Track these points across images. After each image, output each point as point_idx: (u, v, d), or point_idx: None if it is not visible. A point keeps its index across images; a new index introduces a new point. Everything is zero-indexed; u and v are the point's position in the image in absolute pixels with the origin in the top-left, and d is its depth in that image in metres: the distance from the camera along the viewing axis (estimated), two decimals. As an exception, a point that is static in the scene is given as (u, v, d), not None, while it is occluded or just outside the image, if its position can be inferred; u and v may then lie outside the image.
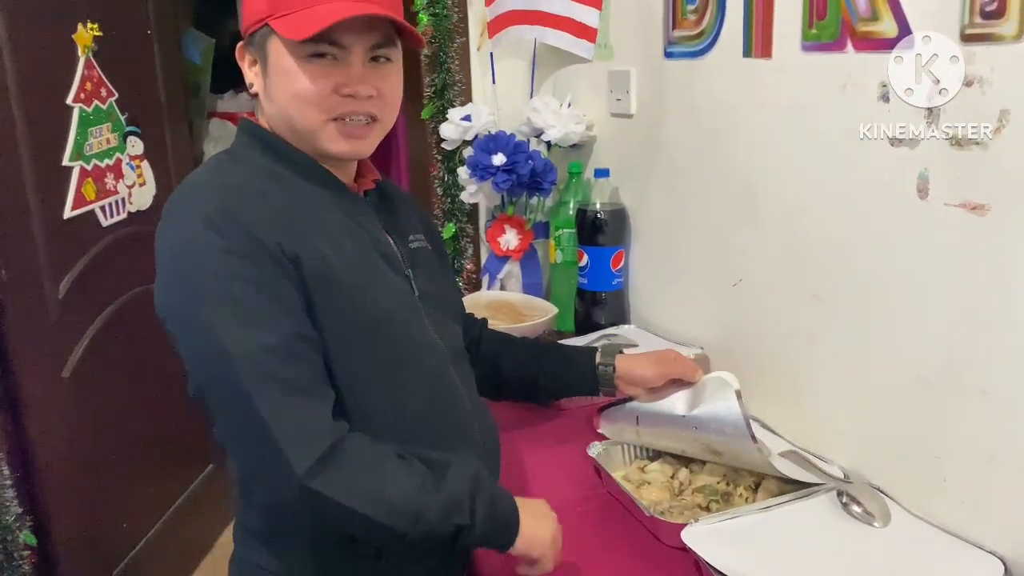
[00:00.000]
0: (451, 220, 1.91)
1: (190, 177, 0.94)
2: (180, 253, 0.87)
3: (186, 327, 0.88)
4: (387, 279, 0.97)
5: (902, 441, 1.12)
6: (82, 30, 1.98)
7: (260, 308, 0.85)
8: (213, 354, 0.84)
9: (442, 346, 1.03)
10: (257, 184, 0.91)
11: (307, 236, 0.90)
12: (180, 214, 0.89)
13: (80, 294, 1.96)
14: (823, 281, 1.21)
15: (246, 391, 0.83)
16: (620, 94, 1.62)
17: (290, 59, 0.90)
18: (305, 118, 0.92)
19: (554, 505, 1.19)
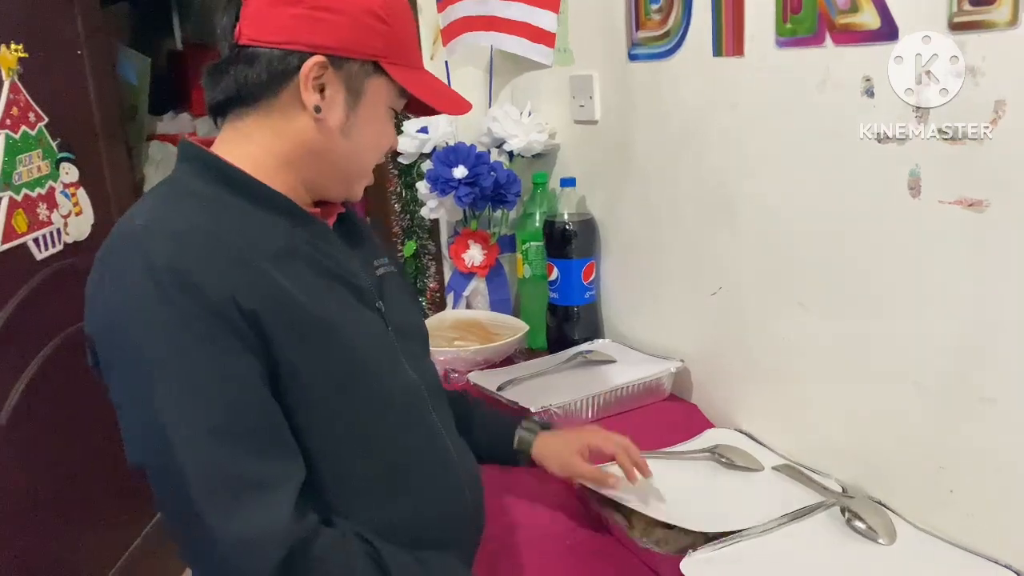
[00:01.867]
0: (411, 237, 1.82)
1: (131, 220, 0.80)
2: (124, 317, 0.75)
3: (127, 401, 0.77)
4: (359, 318, 0.87)
5: (903, 453, 1.07)
6: (4, 51, 1.85)
7: (209, 387, 0.74)
8: (154, 439, 0.74)
9: (421, 386, 0.94)
10: (207, 224, 0.79)
11: (267, 281, 0.79)
12: (123, 270, 0.76)
13: (14, 334, 1.82)
14: (809, 287, 1.16)
15: (191, 489, 0.73)
16: (583, 100, 1.55)
17: (385, 108, 0.89)
18: (371, 164, 0.92)
19: (541, 538, 1.13)
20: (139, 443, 0.77)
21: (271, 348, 0.78)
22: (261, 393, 0.77)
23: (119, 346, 0.76)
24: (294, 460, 0.78)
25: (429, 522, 0.89)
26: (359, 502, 0.84)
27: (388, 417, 0.87)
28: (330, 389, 0.82)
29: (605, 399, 1.35)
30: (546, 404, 1.30)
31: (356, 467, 0.84)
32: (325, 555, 0.77)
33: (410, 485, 0.88)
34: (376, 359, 0.88)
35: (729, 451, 1.23)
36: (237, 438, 0.74)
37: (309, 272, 0.84)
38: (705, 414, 1.38)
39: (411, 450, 0.89)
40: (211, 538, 0.73)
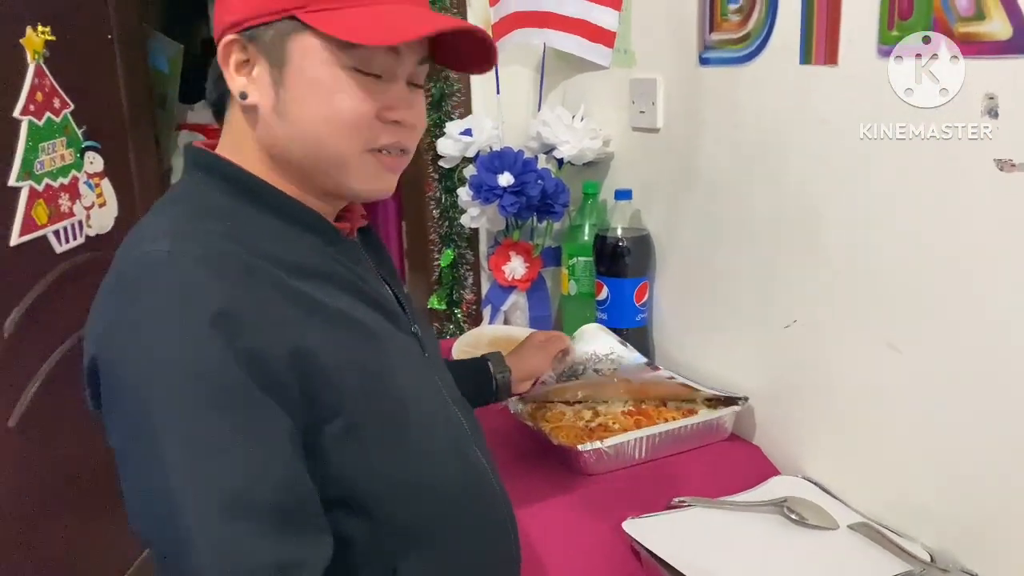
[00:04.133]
0: (449, 246, 1.71)
1: (148, 242, 0.69)
2: (138, 356, 0.64)
3: (130, 456, 0.66)
4: (400, 349, 0.78)
5: (1006, 519, 0.93)
6: (31, 34, 1.77)
7: (231, 449, 0.63)
8: (161, 507, 0.63)
9: (460, 418, 0.84)
10: (236, 248, 0.69)
11: (312, 317, 0.69)
12: (140, 302, 0.65)
13: (30, 331, 1.74)
14: (902, 326, 1.03)
15: (200, 569, 0.61)
16: (644, 105, 1.43)
17: (327, 68, 0.71)
18: (339, 146, 0.73)
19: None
20: (142, 509, 0.66)
21: (315, 393, 0.68)
22: (290, 460, 0.66)
23: (129, 391, 0.65)
24: (320, 536, 0.67)
25: (478, 566, 0.80)
26: (404, 556, 0.74)
27: (435, 459, 0.78)
28: (380, 431, 0.72)
29: (661, 438, 1.23)
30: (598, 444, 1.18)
31: (404, 515, 0.74)
32: None
33: (455, 534, 0.78)
34: (421, 391, 0.78)
35: (799, 504, 1.10)
36: (258, 515, 0.63)
37: (345, 297, 0.74)
38: (770, 458, 1.26)
39: (458, 494, 0.79)
40: None
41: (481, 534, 0.82)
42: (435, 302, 1.78)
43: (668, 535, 1.05)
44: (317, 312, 0.70)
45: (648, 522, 1.08)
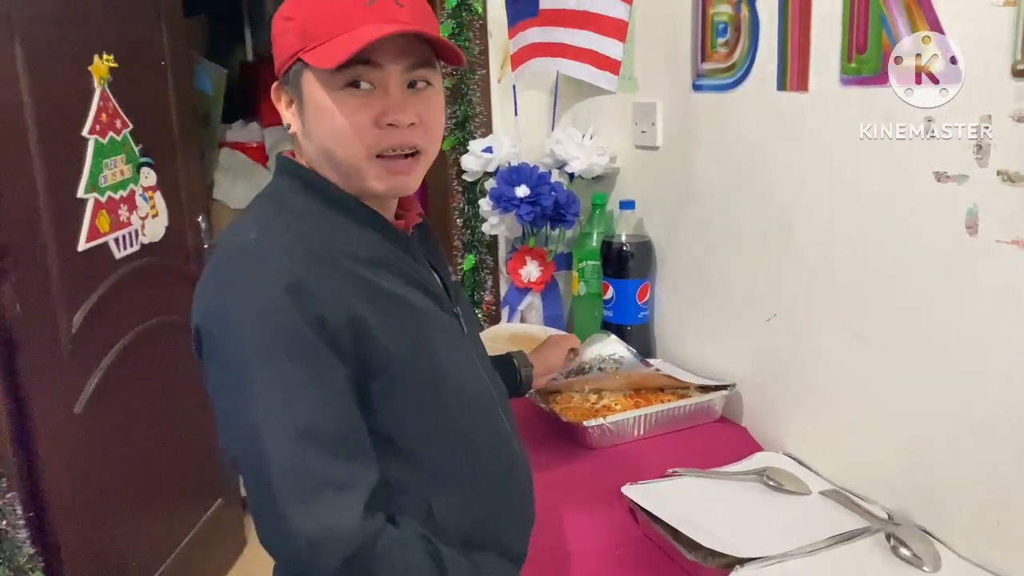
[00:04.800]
0: (471, 252, 1.89)
1: (244, 232, 0.87)
2: (233, 319, 0.81)
3: (227, 401, 0.84)
4: (443, 325, 0.94)
5: (952, 484, 1.09)
6: (98, 62, 1.96)
7: (302, 390, 0.81)
8: (247, 434, 0.81)
9: (491, 389, 1.00)
10: (311, 238, 0.86)
11: (366, 291, 0.86)
12: (236, 278, 0.83)
13: (93, 328, 1.92)
14: (865, 318, 1.19)
15: (275, 484, 0.79)
16: (645, 126, 1.61)
17: (323, 93, 0.85)
18: (348, 155, 0.87)
19: (588, 551, 1.17)
20: (231, 435, 0.84)
21: (372, 353, 0.84)
22: (347, 402, 0.83)
23: (224, 345, 0.82)
24: (369, 464, 0.84)
25: (496, 517, 0.95)
26: (437, 494, 0.90)
27: (466, 418, 0.94)
28: (419, 389, 0.88)
29: (657, 418, 1.39)
30: (599, 421, 1.35)
31: (438, 458, 0.90)
32: (390, 550, 0.82)
33: (482, 483, 0.94)
34: (457, 361, 0.94)
35: (777, 474, 1.26)
36: (320, 442, 0.80)
37: (398, 281, 0.90)
38: (755, 437, 1.42)
39: (487, 448, 0.95)
40: (288, 531, 0.79)
41: (502, 483, 0.98)
42: (458, 303, 1.95)
43: (661, 498, 1.21)
44: (371, 291, 0.86)
45: (644, 487, 1.24)
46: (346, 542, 0.79)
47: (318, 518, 0.79)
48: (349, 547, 0.79)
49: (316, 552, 0.79)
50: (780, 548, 1.09)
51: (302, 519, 0.79)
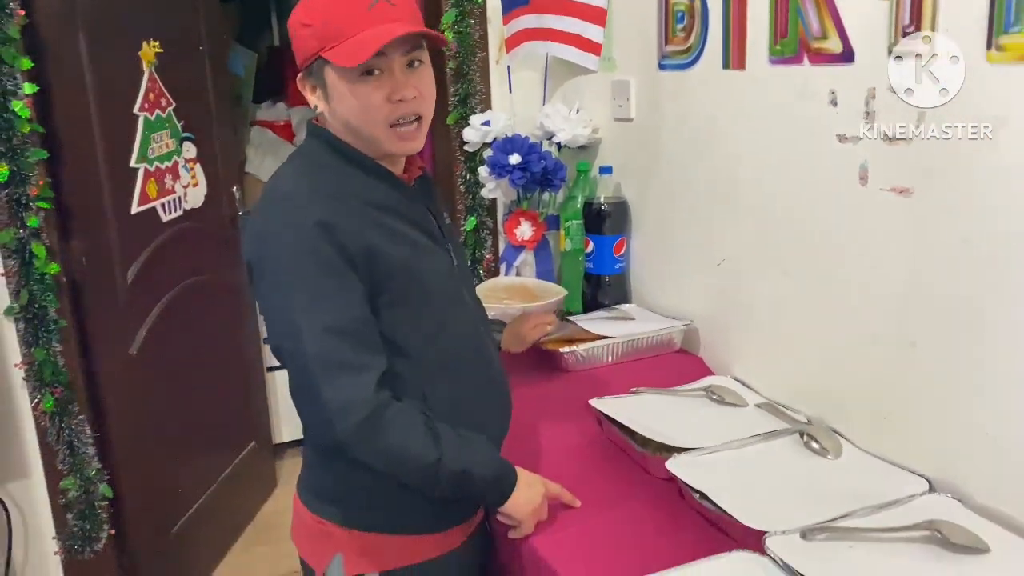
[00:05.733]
0: (472, 214, 2.14)
1: (281, 184, 1.14)
2: (276, 250, 1.08)
3: (273, 306, 1.11)
4: (435, 256, 1.19)
5: (853, 389, 1.34)
6: (146, 47, 2.23)
7: (329, 297, 1.07)
8: (289, 330, 1.08)
9: (472, 309, 1.26)
10: (333, 187, 1.12)
11: (375, 227, 1.11)
12: (276, 219, 1.10)
13: (144, 281, 2.21)
14: (790, 257, 1.43)
15: (309, 365, 1.06)
16: (622, 101, 1.85)
17: (345, 83, 1.09)
18: (371, 128, 1.11)
19: (559, 449, 1.43)
20: (278, 332, 1.11)
21: (380, 273, 1.10)
22: (364, 308, 1.10)
23: (271, 269, 1.09)
24: (380, 355, 1.10)
25: (476, 405, 1.21)
26: (429, 384, 1.16)
27: (453, 327, 1.20)
28: (414, 303, 1.14)
29: (624, 347, 1.65)
30: (574, 347, 1.61)
31: (430, 356, 1.16)
32: (395, 416, 1.09)
33: (465, 376, 1.20)
34: (445, 284, 1.20)
35: (720, 391, 1.51)
36: (343, 336, 1.07)
37: (401, 221, 1.16)
38: (708, 365, 1.67)
39: (468, 352, 1.22)
40: (319, 401, 1.06)
41: (481, 377, 1.23)
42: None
43: (623, 409, 1.46)
44: (380, 227, 1.12)
45: (609, 401, 1.50)
46: (362, 408, 1.06)
47: (341, 391, 1.06)
48: (364, 411, 1.06)
49: (340, 416, 1.06)
50: (714, 442, 1.34)
51: (329, 391, 1.05)
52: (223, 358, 2.69)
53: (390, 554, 1.20)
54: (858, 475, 1.25)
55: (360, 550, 1.19)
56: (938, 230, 1.15)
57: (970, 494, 1.16)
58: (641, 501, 1.28)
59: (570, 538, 1.20)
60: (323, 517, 1.21)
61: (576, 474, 1.33)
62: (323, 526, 1.21)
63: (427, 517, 1.20)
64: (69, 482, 1.89)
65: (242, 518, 2.80)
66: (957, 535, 1.06)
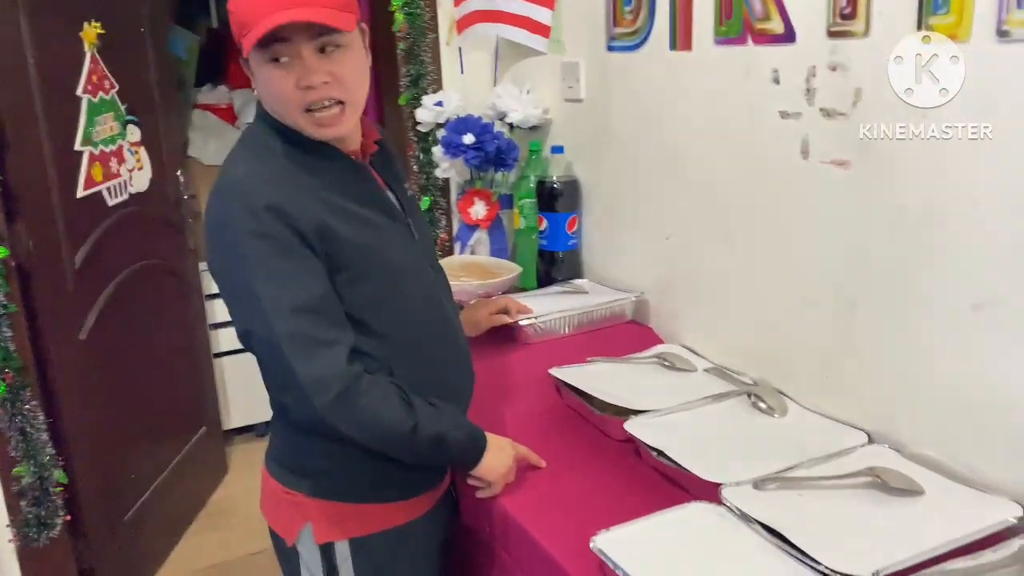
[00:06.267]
0: (427, 194, 2.18)
1: (232, 170, 1.13)
2: (235, 237, 1.09)
3: (236, 292, 1.12)
4: (394, 233, 1.21)
5: (796, 351, 1.42)
6: (88, 28, 2.19)
7: (292, 277, 1.09)
8: (255, 313, 1.09)
9: (436, 282, 1.30)
10: (283, 170, 1.12)
11: (328, 207, 1.12)
12: (231, 206, 1.10)
13: (92, 266, 2.18)
14: (735, 229, 1.51)
15: (279, 345, 1.08)
16: (571, 82, 1.90)
17: (259, 69, 1.09)
18: (286, 113, 1.11)
19: (522, 416, 1.48)
20: (244, 318, 1.13)
21: (336, 252, 1.12)
22: (326, 285, 1.12)
23: (229, 256, 1.11)
24: (347, 330, 1.13)
25: (441, 379, 1.25)
26: (396, 360, 1.19)
27: (415, 302, 1.23)
28: (375, 281, 1.17)
29: (579, 319, 1.71)
30: (532, 319, 1.66)
31: (397, 332, 1.19)
32: (370, 387, 1.12)
33: (431, 349, 1.24)
34: (406, 260, 1.23)
35: (671, 357, 1.59)
36: (310, 313, 1.09)
37: (353, 201, 1.17)
38: (658, 334, 1.74)
39: (432, 325, 1.25)
40: (295, 377, 1.08)
41: (446, 352, 1.27)
42: (416, 239, 2.25)
43: (581, 377, 1.53)
44: (331, 207, 1.13)
45: (567, 369, 1.56)
46: (337, 382, 1.09)
47: (315, 367, 1.08)
48: (340, 385, 1.09)
49: (317, 391, 1.08)
50: (667, 404, 1.41)
51: (303, 369, 1.08)
52: (172, 343, 2.66)
53: (358, 522, 1.23)
54: (803, 431, 1.34)
55: (329, 519, 1.23)
56: (874, 200, 1.24)
57: (905, 444, 1.25)
58: (601, 461, 1.35)
59: (536, 497, 1.26)
60: (292, 488, 1.24)
61: (539, 439, 1.39)
62: (292, 496, 1.24)
63: (394, 486, 1.24)
64: (22, 469, 1.86)
65: (194, 503, 2.79)
66: (895, 480, 1.15)
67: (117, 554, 2.26)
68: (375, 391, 1.13)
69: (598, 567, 1.07)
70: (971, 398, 1.15)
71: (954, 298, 1.15)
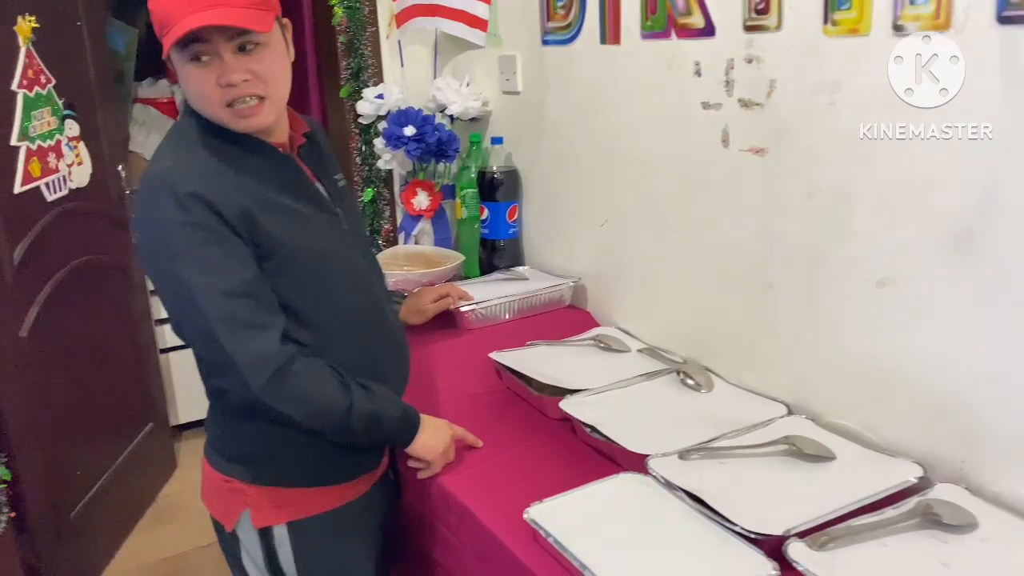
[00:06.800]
0: (370, 186, 2.21)
1: (158, 163, 1.15)
2: (163, 228, 1.11)
3: (167, 282, 1.15)
4: (321, 223, 1.23)
5: (722, 329, 1.50)
6: (22, 22, 2.17)
7: (221, 263, 1.11)
8: (187, 300, 1.11)
9: (368, 270, 1.33)
10: (209, 162, 1.15)
11: (254, 197, 1.15)
12: (159, 197, 1.11)
13: (32, 262, 2.16)
14: (664, 215, 1.58)
15: (213, 330, 1.10)
16: (509, 75, 1.95)
17: (181, 68, 1.12)
18: (208, 109, 1.14)
19: (464, 399, 1.53)
20: (176, 306, 1.15)
21: (262, 241, 1.15)
22: (254, 268, 1.14)
23: (158, 246, 1.13)
24: (277, 314, 1.16)
25: (374, 365, 1.28)
26: (329, 345, 1.22)
27: (344, 290, 1.26)
28: (303, 270, 1.20)
29: (519, 304, 1.77)
30: (473, 306, 1.71)
31: (328, 321, 1.23)
32: (304, 368, 1.15)
33: (363, 338, 1.27)
34: (335, 250, 1.25)
35: (607, 339, 1.66)
36: (242, 297, 1.12)
37: (280, 193, 1.19)
38: (595, 318, 1.81)
39: (362, 311, 1.28)
40: (231, 360, 1.11)
41: (378, 340, 1.30)
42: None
43: (520, 360, 1.58)
44: (256, 197, 1.15)
45: (507, 353, 1.61)
46: (272, 362, 1.12)
47: (249, 349, 1.11)
48: (274, 365, 1.12)
49: (252, 372, 1.11)
50: (601, 384, 1.48)
51: (238, 351, 1.11)
52: (117, 339, 2.65)
53: (296, 506, 1.27)
54: (727, 405, 1.42)
55: (267, 504, 1.26)
56: (788, 185, 1.31)
57: (821, 414, 1.33)
58: (539, 439, 1.41)
59: (475, 475, 1.31)
60: (230, 475, 1.27)
61: (479, 420, 1.44)
62: (230, 484, 1.27)
63: (331, 470, 1.28)
64: (-36, 466, 1.85)
65: (143, 499, 2.78)
66: (809, 447, 1.23)
67: (64, 551, 2.25)
68: (310, 371, 1.16)
69: (531, 537, 1.13)
70: (878, 369, 1.24)
71: (861, 276, 1.23)
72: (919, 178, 1.13)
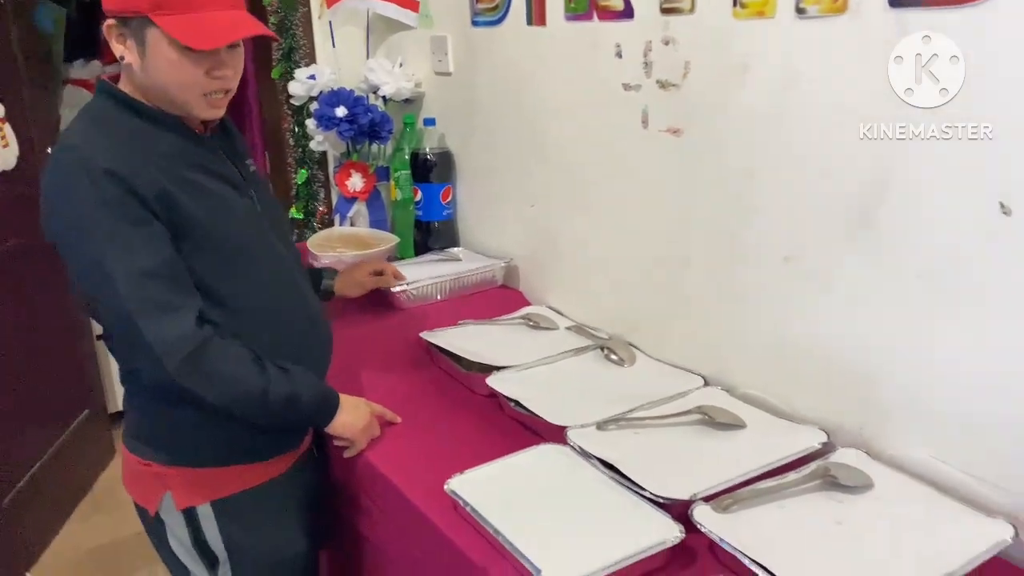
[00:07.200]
0: (303, 167, 2.20)
1: (69, 140, 1.13)
2: (75, 207, 1.09)
3: (80, 261, 1.13)
4: (237, 203, 1.24)
5: (644, 307, 1.54)
6: (-60, 0, 2.11)
7: (137, 242, 1.10)
8: (102, 280, 1.10)
9: (285, 253, 1.33)
10: (131, 142, 1.14)
11: (170, 176, 1.14)
12: (69, 175, 1.10)
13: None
14: (589, 196, 1.61)
15: (128, 309, 1.10)
16: (440, 56, 1.96)
17: (172, 51, 1.11)
18: (183, 96, 1.15)
19: (394, 379, 1.55)
20: (89, 285, 1.14)
21: (179, 221, 1.14)
22: (170, 248, 1.14)
23: (70, 224, 1.11)
24: (194, 295, 1.16)
25: (293, 346, 1.28)
26: (246, 326, 1.22)
27: (261, 271, 1.26)
28: (218, 250, 1.19)
29: (451, 285, 1.79)
30: (405, 286, 1.73)
31: (245, 302, 1.23)
32: (220, 350, 1.15)
33: (280, 318, 1.27)
34: (250, 230, 1.25)
35: (536, 317, 1.69)
36: (156, 278, 1.11)
37: (197, 172, 1.20)
38: (527, 297, 1.84)
39: (280, 292, 1.28)
40: (146, 340, 1.10)
41: (296, 320, 1.30)
42: (295, 212, 2.27)
43: (450, 338, 1.60)
44: (173, 177, 1.15)
45: (438, 333, 1.64)
46: (188, 343, 1.12)
47: (163, 330, 1.11)
48: (190, 346, 1.12)
49: (168, 353, 1.11)
50: (528, 360, 1.51)
51: (153, 332, 1.10)
52: (51, 325, 2.60)
53: (217, 485, 1.27)
54: (648, 378, 1.46)
55: (187, 485, 1.26)
56: (702, 165, 1.36)
57: (735, 385, 1.38)
58: (466, 415, 1.43)
59: (400, 450, 1.33)
60: (148, 459, 1.26)
61: (408, 399, 1.46)
62: (150, 467, 1.26)
63: (249, 449, 1.28)
64: None
65: (79, 488, 2.75)
66: (721, 416, 1.28)
67: (-4, 539, 2.22)
68: (227, 351, 1.17)
69: (452, 507, 1.15)
70: (785, 341, 1.29)
71: (768, 252, 1.28)
72: (820, 155, 1.18)
